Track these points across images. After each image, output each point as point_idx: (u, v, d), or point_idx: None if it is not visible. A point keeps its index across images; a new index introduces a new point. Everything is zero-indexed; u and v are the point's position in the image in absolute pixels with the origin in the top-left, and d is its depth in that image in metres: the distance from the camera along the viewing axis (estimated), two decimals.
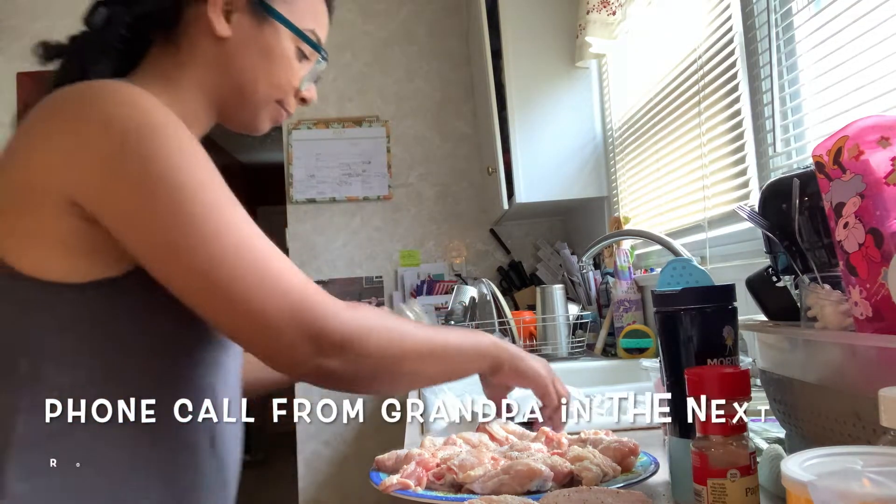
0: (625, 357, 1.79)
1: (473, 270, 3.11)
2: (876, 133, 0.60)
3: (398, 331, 0.74)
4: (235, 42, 0.83)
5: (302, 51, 0.87)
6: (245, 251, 0.67)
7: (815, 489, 0.38)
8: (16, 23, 3.15)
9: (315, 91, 0.92)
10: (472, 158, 3.15)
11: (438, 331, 0.81)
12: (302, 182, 3.13)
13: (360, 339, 0.69)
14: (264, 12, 0.83)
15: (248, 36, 0.83)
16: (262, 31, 0.83)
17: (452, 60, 3.19)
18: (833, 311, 0.64)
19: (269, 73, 0.85)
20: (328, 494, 3.02)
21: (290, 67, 0.86)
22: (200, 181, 0.68)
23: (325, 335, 0.68)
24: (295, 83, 0.87)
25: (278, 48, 0.84)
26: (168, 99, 0.78)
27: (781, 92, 1.30)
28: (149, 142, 0.67)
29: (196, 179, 0.68)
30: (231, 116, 0.88)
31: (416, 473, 0.77)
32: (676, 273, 1.07)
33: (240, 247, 0.67)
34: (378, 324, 0.72)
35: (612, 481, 0.74)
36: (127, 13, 0.81)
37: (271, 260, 0.69)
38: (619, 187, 2.29)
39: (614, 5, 2.04)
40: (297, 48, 0.86)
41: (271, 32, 0.84)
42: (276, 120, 0.90)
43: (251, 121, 0.88)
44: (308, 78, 0.89)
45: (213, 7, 0.81)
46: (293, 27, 0.85)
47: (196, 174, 0.68)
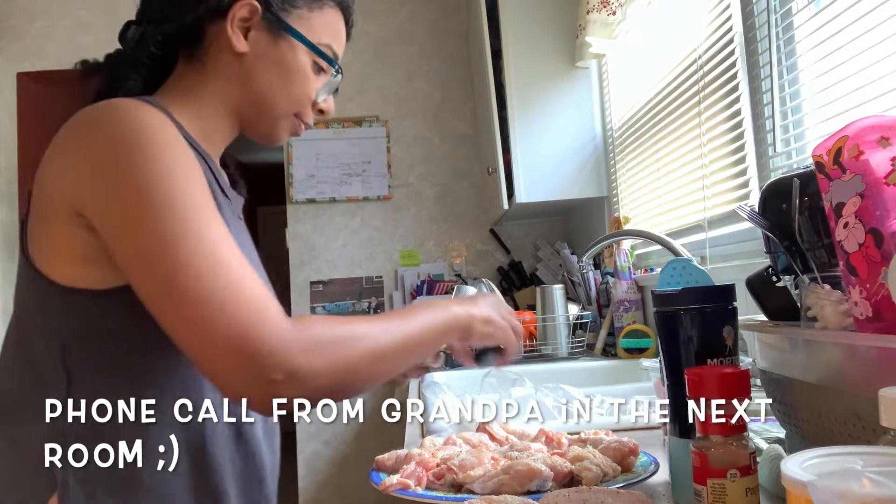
0: (625, 357, 1.79)
1: (473, 270, 3.12)
2: (876, 133, 0.60)
3: (350, 338, 0.71)
4: (253, 57, 0.86)
5: (318, 64, 0.90)
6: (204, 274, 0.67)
7: (815, 489, 0.38)
8: (16, 23, 3.15)
9: (332, 102, 0.95)
10: (472, 158, 3.15)
11: (401, 319, 0.78)
12: (302, 182, 3.13)
13: (309, 363, 0.67)
14: (280, 29, 0.86)
15: (266, 51, 0.86)
16: (278, 47, 0.87)
17: (452, 60, 3.19)
18: (833, 311, 0.64)
19: (286, 86, 0.88)
20: (328, 494, 3.02)
21: (306, 81, 0.89)
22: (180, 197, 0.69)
23: (271, 369, 0.65)
24: (311, 95, 0.90)
25: (294, 63, 0.87)
26: (191, 112, 0.85)
27: (781, 92, 1.30)
28: (138, 157, 0.70)
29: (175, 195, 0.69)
30: (251, 128, 0.92)
31: (416, 473, 0.77)
32: (676, 273, 1.07)
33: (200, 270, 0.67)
34: (327, 338, 0.69)
35: (612, 481, 0.74)
36: (157, 31, 0.85)
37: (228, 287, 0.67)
38: (619, 187, 2.29)
39: (614, 5, 2.04)
40: (313, 62, 0.89)
41: (287, 48, 0.87)
42: (295, 132, 0.93)
43: (270, 132, 0.92)
44: (325, 90, 0.92)
45: (231, 24, 0.84)
46: (308, 42, 0.87)
47: (177, 190, 0.69)
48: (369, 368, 0.73)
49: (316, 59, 0.89)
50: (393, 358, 0.75)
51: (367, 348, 0.72)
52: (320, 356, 0.68)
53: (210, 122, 0.87)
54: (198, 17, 0.85)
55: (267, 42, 0.86)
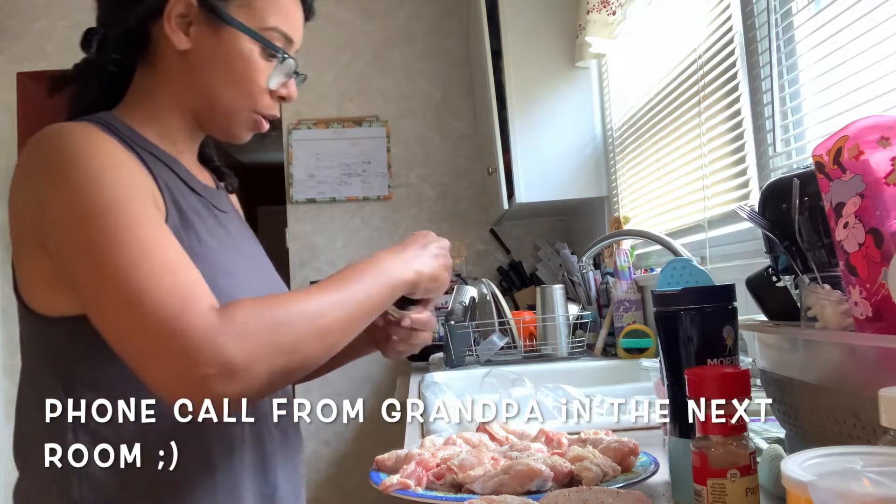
0: (625, 357, 1.79)
1: (473, 270, 3.12)
2: (876, 133, 0.59)
3: (288, 319, 0.68)
4: (196, 53, 0.83)
5: (267, 51, 0.85)
6: (125, 277, 0.66)
7: (815, 489, 0.38)
8: (16, 23, 3.15)
9: (294, 87, 0.90)
10: (472, 158, 3.15)
11: (344, 287, 0.74)
12: (302, 182, 3.13)
13: (246, 353, 0.64)
14: (219, 19, 0.82)
15: (208, 46, 0.83)
16: (220, 40, 0.83)
17: (452, 60, 3.19)
18: (833, 311, 0.64)
19: (233, 81, 0.84)
20: (328, 494, 3.02)
21: (253, 72, 0.84)
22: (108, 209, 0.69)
23: (202, 363, 0.62)
24: (262, 85, 0.85)
25: (238, 54, 0.83)
26: (148, 117, 0.84)
27: (781, 92, 1.30)
28: (70, 179, 0.71)
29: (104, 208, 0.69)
30: (209, 127, 0.89)
31: (416, 473, 0.77)
32: (676, 273, 1.07)
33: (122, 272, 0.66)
34: (263, 322, 0.66)
35: (612, 481, 0.74)
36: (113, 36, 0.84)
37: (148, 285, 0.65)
38: (619, 187, 2.29)
39: (614, 5, 2.04)
40: (261, 49, 0.84)
41: (230, 39, 0.83)
42: (256, 127, 0.89)
43: (228, 130, 0.89)
44: (278, 76, 0.86)
45: (169, 22, 0.82)
46: (248, 30, 0.83)
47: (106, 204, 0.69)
48: (315, 347, 0.70)
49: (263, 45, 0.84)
50: (339, 331, 0.72)
51: (309, 327, 0.69)
52: (257, 343, 0.65)
53: (169, 125, 0.86)
54: (139, 18, 0.83)
55: (208, 36, 0.83)
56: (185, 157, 0.89)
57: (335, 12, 3.15)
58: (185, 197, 0.83)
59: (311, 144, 3.14)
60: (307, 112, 3.16)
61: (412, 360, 2.29)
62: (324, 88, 3.16)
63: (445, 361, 1.91)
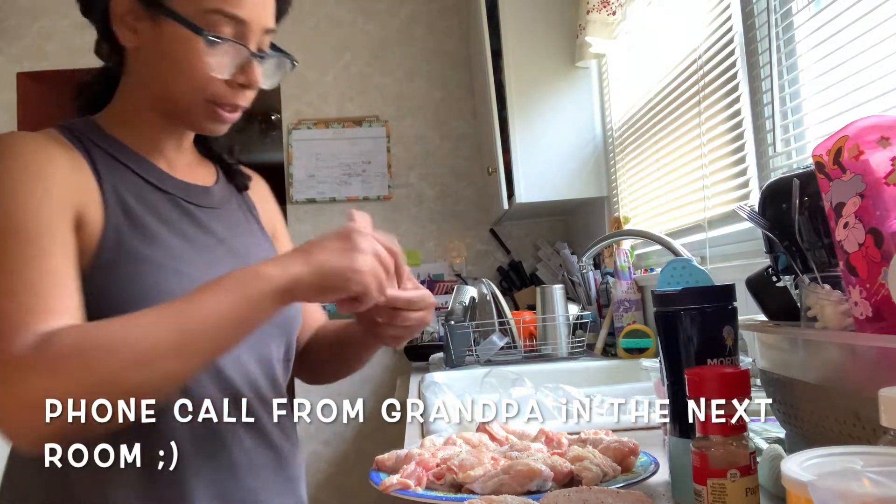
0: (625, 357, 1.79)
1: (473, 270, 3.11)
2: (876, 133, 0.60)
3: (108, 346, 0.65)
4: (146, 49, 0.83)
5: (212, 38, 0.80)
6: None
7: (815, 489, 0.38)
8: (16, 23, 3.14)
9: (254, 72, 0.83)
10: (472, 158, 3.15)
11: (175, 308, 0.68)
12: (302, 182, 3.13)
13: (59, 385, 0.61)
14: (155, 10, 0.80)
15: (152, 39, 0.82)
16: (162, 31, 0.81)
17: (452, 60, 3.19)
18: (833, 311, 0.64)
19: (177, 71, 0.81)
20: (328, 494, 3.02)
21: (196, 59, 0.80)
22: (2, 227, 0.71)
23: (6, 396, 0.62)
24: (210, 74, 0.81)
25: (181, 44, 0.80)
26: (121, 118, 0.87)
27: (781, 92, 1.30)
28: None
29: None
30: (177, 121, 0.87)
31: (416, 473, 0.77)
32: (676, 273, 1.07)
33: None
34: (81, 350, 0.64)
35: (612, 481, 0.74)
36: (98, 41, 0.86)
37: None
38: (619, 187, 2.29)
39: (614, 5, 2.04)
40: (205, 37, 0.80)
41: (171, 30, 0.80)
42: (218, 118, 0.85)
43: (191, 123, 0.87)
44: (225, 61, 0.81)
45: (115, 20, 0.82)
46: (180, 17, 0.79)
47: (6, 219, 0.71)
48: (142, 374, 0.65)
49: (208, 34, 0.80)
50: (173, 356, 0.66)
51: (130, 353, 0.64)
52: (70, 374, 0.62)
53: (142, 124, 0.86)
54: (100, 22, 0.84)
55: (151, 29, 0.81)
56: (168, 154, 0.89)
57: (335, 12, 3.15)
58: (142, 196, 0.83)
59: (311, 144, 3.14)
60: (307, 112, 3.16)
61: (412, 359, 2.29)
62: (324, 88, 3.16)
63: (445, 361, 1.91)
